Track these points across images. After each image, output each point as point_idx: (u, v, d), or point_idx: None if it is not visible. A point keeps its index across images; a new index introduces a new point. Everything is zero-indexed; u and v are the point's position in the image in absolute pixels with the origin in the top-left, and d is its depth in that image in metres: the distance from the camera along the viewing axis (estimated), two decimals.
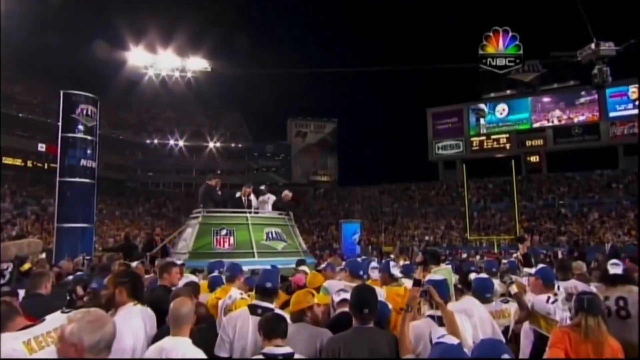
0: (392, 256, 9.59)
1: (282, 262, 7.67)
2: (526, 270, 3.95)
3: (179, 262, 5.91)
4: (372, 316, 2.75)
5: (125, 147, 48.56)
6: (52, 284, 4.21)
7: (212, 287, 4.45)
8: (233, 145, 52.40)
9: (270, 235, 9.13)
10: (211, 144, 51.23)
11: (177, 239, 9.98)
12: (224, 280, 4.51)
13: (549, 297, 3.56)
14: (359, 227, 22.65)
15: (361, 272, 3.82)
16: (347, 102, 76.98)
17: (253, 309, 3.19)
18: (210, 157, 51.66)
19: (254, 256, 8.50)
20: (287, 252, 9.10)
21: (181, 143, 50.21)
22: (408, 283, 4.37)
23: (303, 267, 5.82)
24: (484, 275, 4.15)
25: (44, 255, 7.29)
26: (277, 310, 3.16)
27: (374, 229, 37.73)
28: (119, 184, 46.59)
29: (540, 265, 4.06)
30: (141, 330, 2.84)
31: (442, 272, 4.20)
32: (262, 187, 10.53)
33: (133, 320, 2.81)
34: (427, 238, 35.00)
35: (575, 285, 4.28)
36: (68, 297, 3.39)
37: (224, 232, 8.69)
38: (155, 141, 49.44)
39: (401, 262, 6.14)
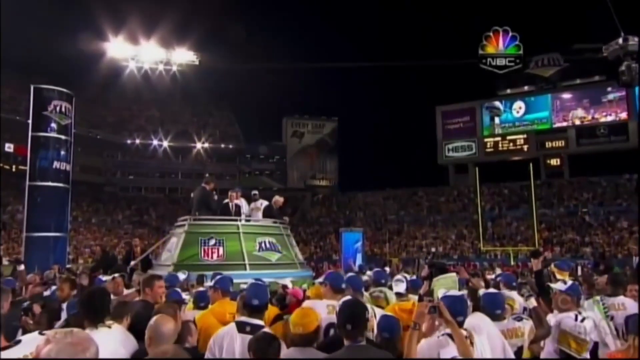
0: (387, 268, 9.53)
1: (276, 274, 7.64)
2: (554, 286, 3.91)
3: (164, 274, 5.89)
4: (358, 332, 2.69)
5: (104, 147, 48.59)
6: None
7: (196, 303, 4.43)
8: (223, 146, 52.47)
9: (263, 245, 9.11)
10: (199, 145, 51.30)
11: (160, 250, 9.94)
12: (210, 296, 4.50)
13: (577, 315, 3.55)
14: (361, 237, 22.59)
15: (343, 285, 3.81)
16: (349, 100, 77.44)
17: (241, 326, 3.18)
18: (198, 160, 51.72)
19: (245, 268, 8.47)
20: (282, 264, 9.08)
21: (165, 143, 50.24)
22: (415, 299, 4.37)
23: (285, 281, 5.81)
24: (492, 290, 4.13)
25: (22, 267, 7.24)
26: (267, 329, 3.16)
27: (377, 239, 37.68)
28: (96, 188, 46.57)
29: (570, 282, 4.05)
30: (120, 355, 2.77)
31: (446, 281, 4.20)
32: (255, 193, 10.51)
33: (104, 348, 2.73)
34: (434, 249, 34.96)
35: (622, 302, 4.27)
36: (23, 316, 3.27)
37: (212, 242, 8.68)
38: (137, 141, 49.47)
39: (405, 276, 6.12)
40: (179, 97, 54.79)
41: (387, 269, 9.69)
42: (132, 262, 9.22)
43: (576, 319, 3.48)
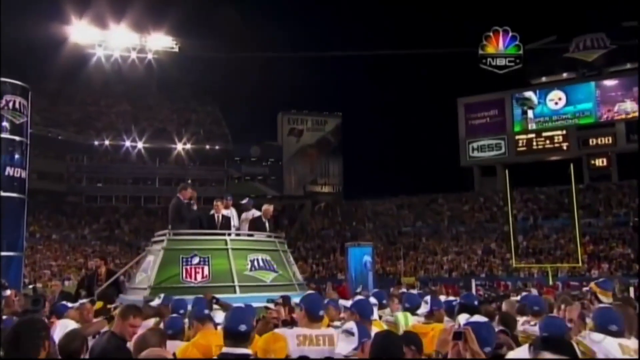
0: (403, 290, 9.55)
1: (271, 297, 7.63)
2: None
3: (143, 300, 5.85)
4: None
5: (66, 150, 48.73)
6: None
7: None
8: (208, 147, 52.60)
9: (255, 263, 9.13)
10: (179, 146, 51.40)
11: (134, 270, 9.93)
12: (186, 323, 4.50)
13: None
14: (371, 252, 22.55)
15: (321, 312, 3.80)
16: (354, 92, 77.23)
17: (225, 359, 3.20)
18: (179, 163, 51.84)
19: (235, 291, 8.51)
20: (278, 285, 9.09)
21: (140, 145, 50.33)
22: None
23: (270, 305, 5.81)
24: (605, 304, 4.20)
25: (8, 293, 7.24)
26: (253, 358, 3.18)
27: (390, 255, 37.60)
28: (58, 198, 46.69)
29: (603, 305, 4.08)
30: None
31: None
32: (245, 201, 10.52)
33: None
34: (449, 266, 34.89)
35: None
36: None
37: (195, 260, 8.68)
38: (106, 142, 49.55)
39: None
40: (156, 90, 55.12)
41: (404, 289, 9.67)
42: (103, 286, 9.17)
43: None
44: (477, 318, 3.19)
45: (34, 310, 5.28)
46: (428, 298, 4.76)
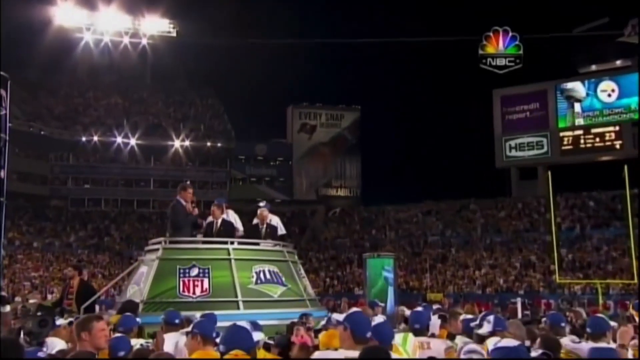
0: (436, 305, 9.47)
1: (279, 315, 7.75)
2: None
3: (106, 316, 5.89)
4: None
5: (50, 147, 49.02)
6: None
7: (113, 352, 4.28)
8: (209, 144, 52.81)
9: (261, 276, 9.15)
10: (177, 143, 51.63)
11: (125, 283, 9.98)
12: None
13: None
14: (393, 265, 22.48)
15: (368, 334, 3.79)
16: (375, 82, 76.93)
17: None
18: (176, 163, 52.10)
19: (238, 307, 8.56)
20: (287, 301, 9.11)
21: (132, 142, 50.63)
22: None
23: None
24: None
25: (8, 309, 7.36)
26: None
27: (414, 268, 37.56)
28: (40, 201, 47.14)
29: None
30: None
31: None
32: (264, 205, 10.62)
33: None
34: (481, 281, 34.70)
35: None
36: None
37: (194, 271, 8.72)
38: (95, 139, 49.90)
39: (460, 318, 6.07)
40: (150, 80, 55.48)
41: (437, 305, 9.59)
42: (88, 302, 9.11)
43: None
44: (507, 342, 3.20)
45: (38, 333, 5.19)
46: (491, 317, 4.69)
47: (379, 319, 4.81)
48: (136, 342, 4.78)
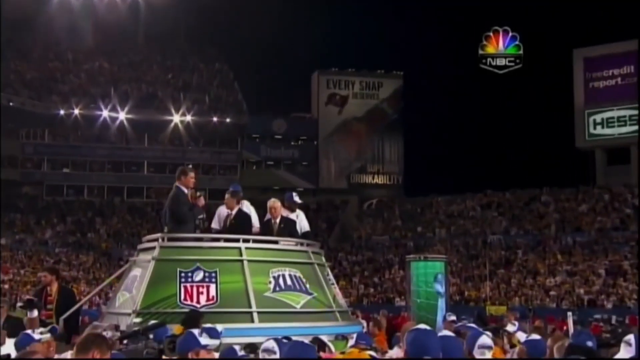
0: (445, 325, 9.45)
1: (302, 330, 7.64)
2: None
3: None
4: None
5: (20, 122, 49.35)
6: None
7: None
8: (216, 119, 53.01)
9: (281, 281, 9.10)
10: (176, 118, 51.88)
11: (114, 289, 10.07)
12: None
13: None
14: (443, 270, 22.40)
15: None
16: (421, 43, 76.24)
17: None
18: (175, 141, 52.47)
19: (252, 319, 8.53)
20: (312, 313, 9.09)
21: (122, 115, 50.98)
22: None
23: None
24: None
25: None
26: None
27: (470, 274, 37.57)
28: (9, 189, 47.46)
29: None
30: None
31: None
32: (290, 196, 10.57)
33: None
34: (557, 291, 34.44)
35: None
36: None
37: (199, 275, 8.70)
38: (75, 112, 50.33)
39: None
40: (144, 41, 55.68)
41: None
42: (69, 310, 9.25)
43: None
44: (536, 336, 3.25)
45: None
46: (632, 338, 4.52)
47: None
48: None
